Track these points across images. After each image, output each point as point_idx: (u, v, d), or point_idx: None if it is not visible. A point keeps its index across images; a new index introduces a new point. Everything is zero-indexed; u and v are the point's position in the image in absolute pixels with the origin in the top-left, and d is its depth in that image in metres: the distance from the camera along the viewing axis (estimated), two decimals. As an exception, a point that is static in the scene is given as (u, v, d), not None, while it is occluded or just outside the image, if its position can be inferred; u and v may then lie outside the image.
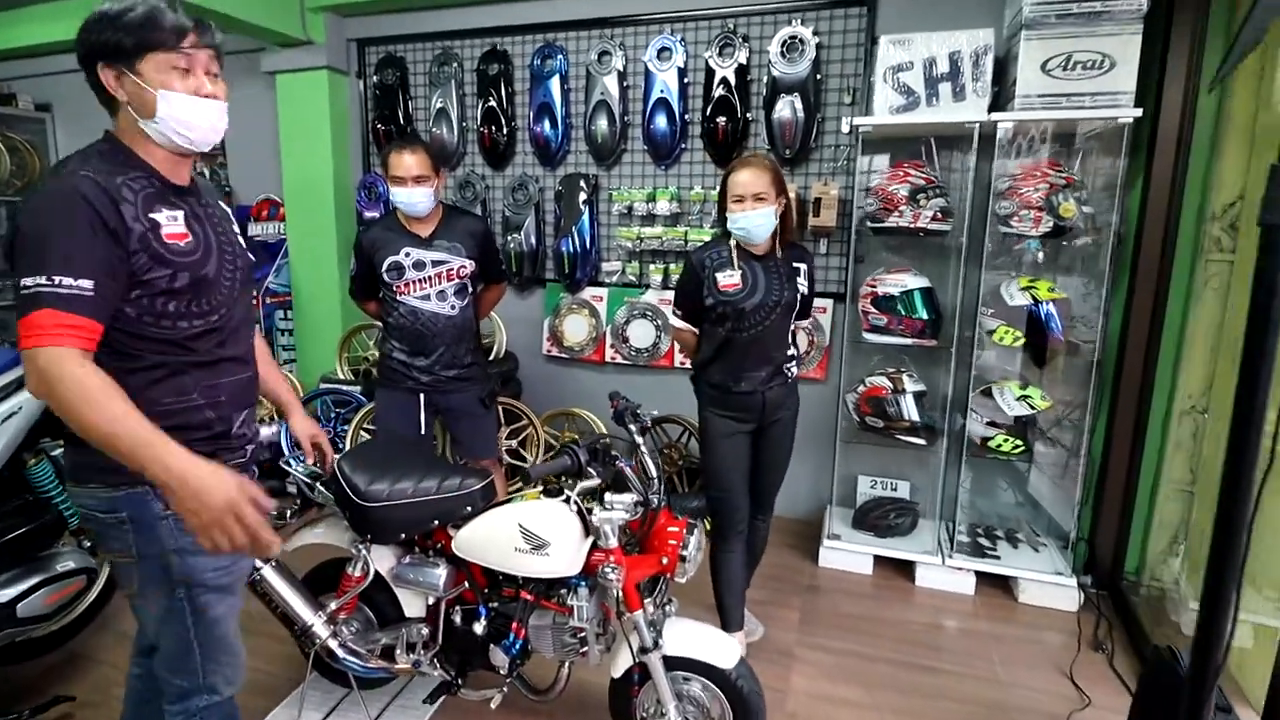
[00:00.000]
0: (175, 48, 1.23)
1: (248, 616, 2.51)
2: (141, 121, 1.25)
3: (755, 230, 2.06)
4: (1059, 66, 2.46)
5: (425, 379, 2.53)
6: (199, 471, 1.11)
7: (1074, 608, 2.71)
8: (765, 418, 2.22)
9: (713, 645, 1.72)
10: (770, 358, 2.16)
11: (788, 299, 2.13)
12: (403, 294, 2.48)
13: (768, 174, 2.05)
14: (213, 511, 1.10)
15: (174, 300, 1.27)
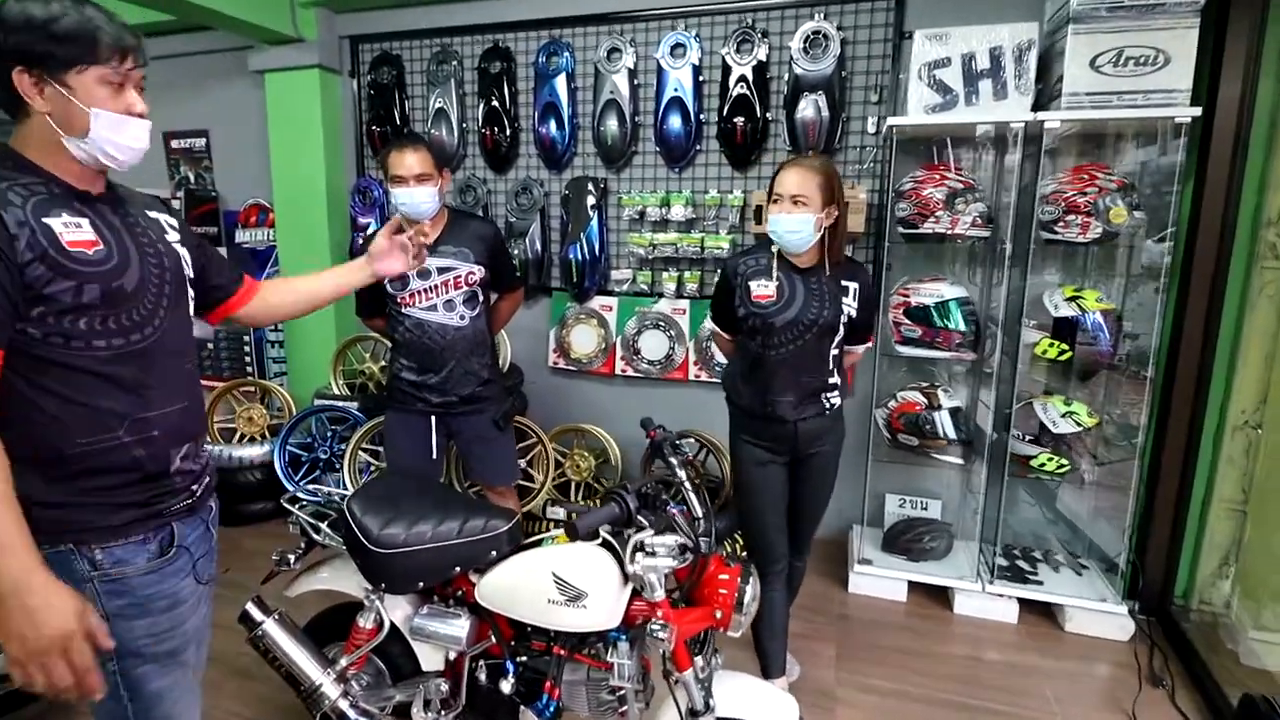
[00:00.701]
0: (113, 65, 1.10)
1: (251, 661, 2.35)
2: (65, 137, 1.11)
3: (787, 237, 1.88)
4: (1109, 63, 2.32)
5: (436, 400, 2.36)
6: (41, 592, 1.00)
7: (1126, 637, 2.57)
8: (800, 449, 2.02)
9: (769, 705, 1.55)
10: (800, 382, 1.96)
11: (827, 319, 1.92)
12: (408, 306, 2.31)
13: (816, 177, 1.85)
14: (41, 642, 0.99)
15: (84, 316, 1.11)
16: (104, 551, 1.14)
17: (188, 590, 1.27)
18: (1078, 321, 2.50)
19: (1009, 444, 2.66)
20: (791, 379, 1.95)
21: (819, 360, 1.96)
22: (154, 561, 1.21)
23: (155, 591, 1.20)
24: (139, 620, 1.19)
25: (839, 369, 2.04)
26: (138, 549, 1.19)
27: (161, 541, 1.23)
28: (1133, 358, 2.61)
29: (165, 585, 1.22)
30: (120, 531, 1.17)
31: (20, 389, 1.08)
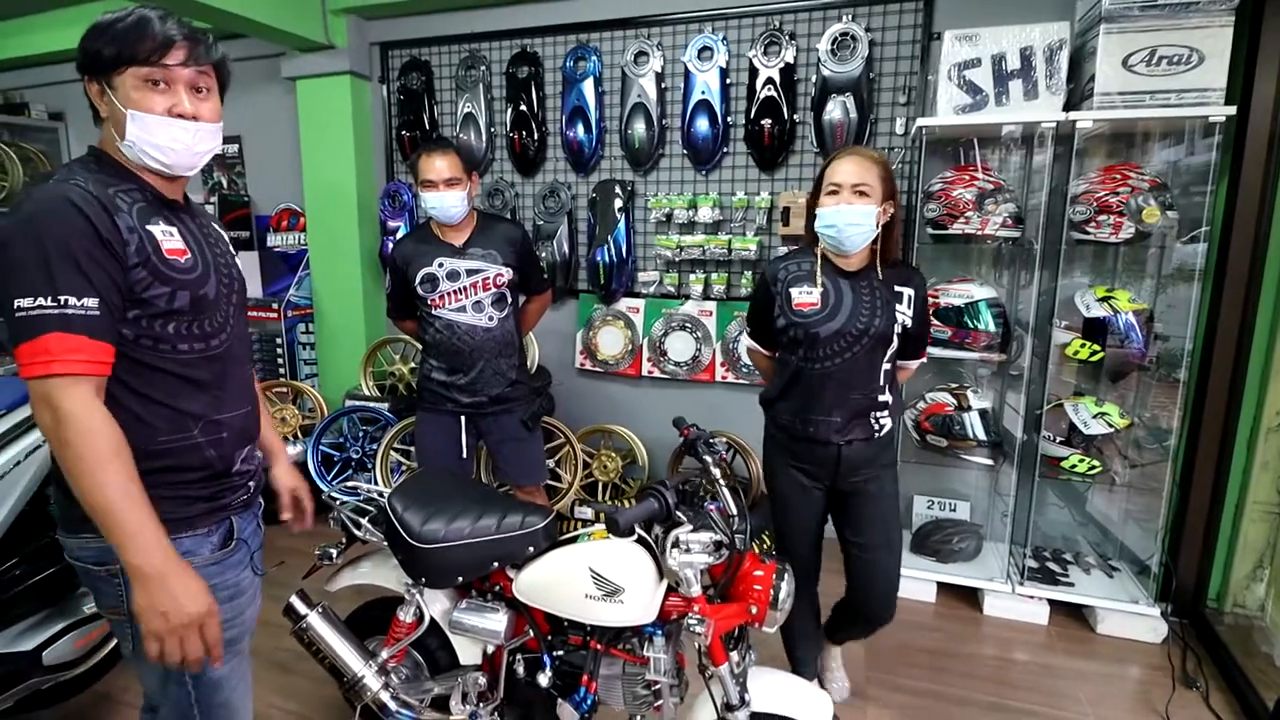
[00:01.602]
0: (154, 62, 1.11)
1: (290, 656, 2.41)
2: (116, 140, 1.14)
3: (847, 231, 1.69)
4: (1142, 62, 2.30)
5: (466, 400, 2.40)
6: (181, 575, 1.09)
7: (1158, 640, 2.55)
8: (842, 478, 1.83)
9: (804, 701, 1.56)
10: (847, 400, 1.76)
11: (879, 329, 1.73)
12: (438, 307, 2.35)
13: (876, 167, 1.71)
14: (182, 618, 1.08)
15: (174, 321, 1.17)
16: (174, 542, 1.19)
17: (247, 581, 1.32)
18: (1110, 322, 2.48)
19: (1039, 445, 2.64)
20: (838, 396, 1.77)
21: (869, 375, 1.77)
22: (216, 553, 1.26)
23: (218, 582, 1.25)
24: None
25: (892, 386, 1.84)
26: (202, 541, 1.25)
27: (222, 534, 1.29)
28: (1164, 359, 2.59)
29: (227, 576, 1.28)
30: (189, 523, 1.22)
31: (111, 388, 1.12)
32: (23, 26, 4.36)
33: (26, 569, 1.87)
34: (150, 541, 1.06)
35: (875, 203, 1.70)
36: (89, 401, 1.05)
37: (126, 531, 1.05)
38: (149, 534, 1.07)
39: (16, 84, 4.83)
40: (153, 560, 1.06)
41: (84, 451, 1.04)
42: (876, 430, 1.81)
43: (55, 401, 1.03)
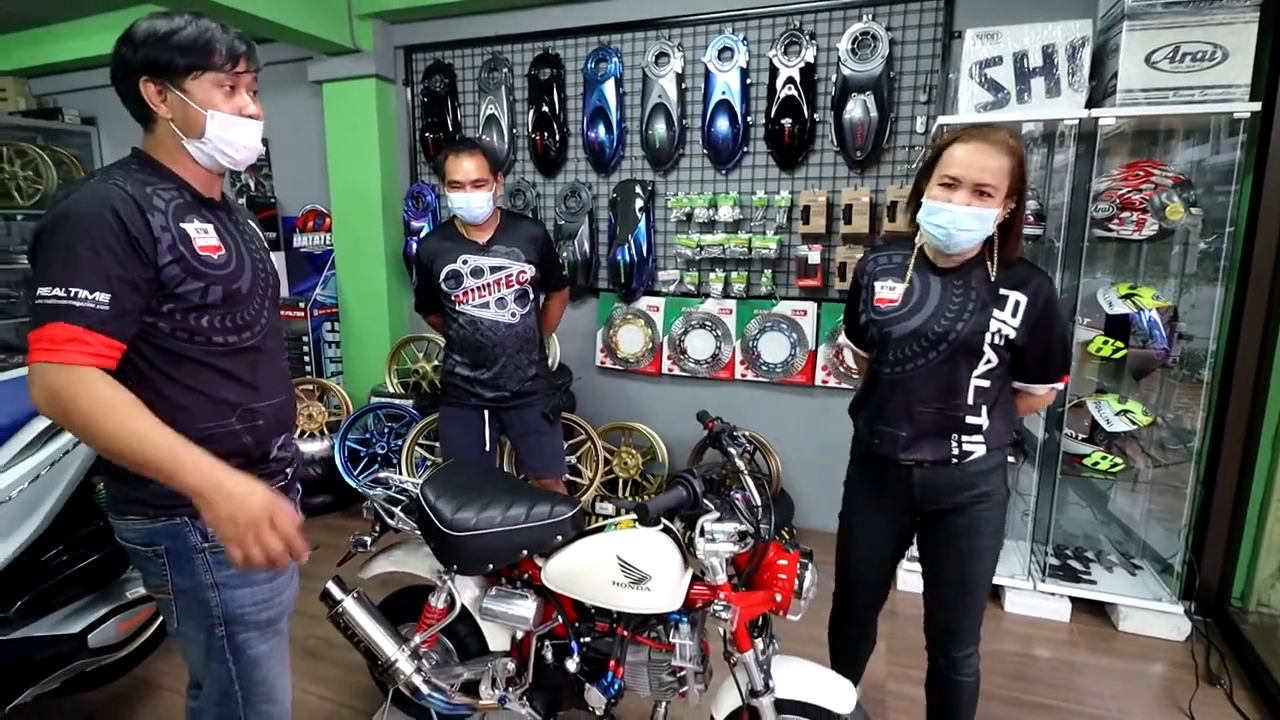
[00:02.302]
0: (228, 70, 1.20)
1: (321, 644, 2.47)
2: (186, 140, 1.21)
3: (956, 235, 1.44)
4: (1165, 59, 2.31)
5: (489, 395, 2.45)
6: (235, 477, 1.09)
7: (1181, 637, 2.54)
8: (919, 505, 1.62)
9: (827, 688, 1.59)
10: (915, 414, 1.55)
11: (964, 335, 1.48)
12: (462, 303, 2.40)
13: (1008, 160, 1.42)
14: (250, 514, 1.07)
15: (207, 315, 1.22)
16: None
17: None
18: (1133, 319, 2.48)
19: (1061, 443, 2.65)
20: (904, 407, 1.56)
21: (948, 389, 1.52)
22: None
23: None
24: (243, 589, 1.29)
25: (994, 408, 1.55)
26: None
27: None
28: (1188, 359, 2.58)
29: None
30: None
31: (151, 378, 1.18)
32: (55, 34, 4.49)
33: (73, 555, 1.94)
34: (193, 459, 1.08)
35: (998, 204, 1.43)
36: (98, 380, 1.07)
37: (167, 457, 1.06)
38: (188, 453, 1.08)
39: (50, 89, 4.96)
40: (202, 472, 1.07)
41: (91, 405, 1.05)
42: (956, 455, 1.54)
43: (44, 381, 1.05)
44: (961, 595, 1.65)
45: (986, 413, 1.54)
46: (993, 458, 1.58)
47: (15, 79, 4.80)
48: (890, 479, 1.64)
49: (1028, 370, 1.57)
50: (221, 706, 1.34)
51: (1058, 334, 1.53)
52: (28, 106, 4.83)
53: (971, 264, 1.53)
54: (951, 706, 1.74)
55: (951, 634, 1.68)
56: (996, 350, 1.50)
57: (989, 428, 1.55)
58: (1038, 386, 1.61)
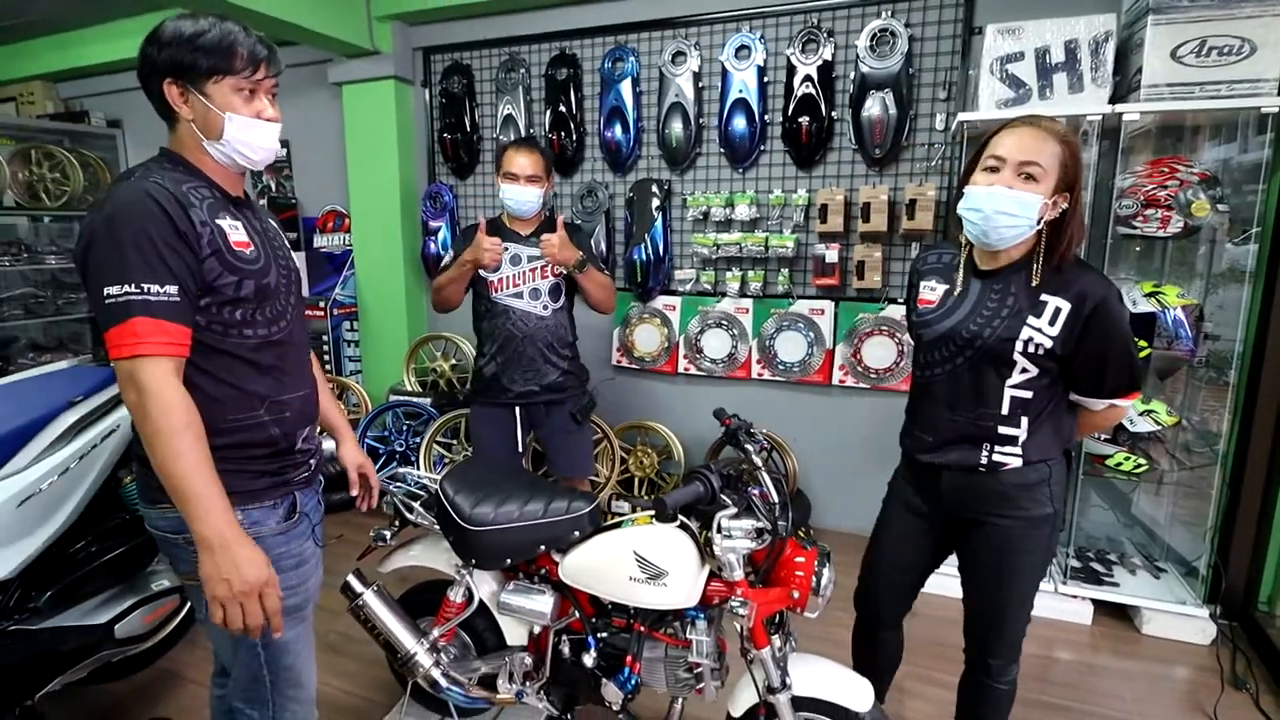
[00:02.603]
0: (248, 75, 1.22)
1: (341, 638, 2.50)
2: (205, 141, 1.24)
3: (995, 221, 1.35)
4: (1191, 53, 2.27)
5: (517, 390, 2.46)
6: (244, 545, 1.16)
7: (1206, 641, 2.50)
8: (949, 509, 1.58)
9: (845, 687, 1.58)
10: (942, 420, 1.50)
11: (990, 342, 1.41)
12: (496, 292, 2.42)
13: (1055, 144, 1.34)
14: (246, 584, 1.15)
15: (240, 309, 1.25)
16: (243, 513, 1.27)
17: (309, 551, 1.40)
18: (1158, 318, 2.45)
19: (1083, 442, 2.61)
20: (935, 413, 1.52)
21: (977, 396, 1.45)
22: (282, 524, 1.34)
23: (284, 551, 1.33)
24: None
25: (1040, 420, 1.44)
26: (269, 513, 1.33)
27: (287, 508, 1.37)
28: (1214, 359, 2.54)
29: (292, 546, 1.35)
30: (256, 496, 1.30)
31: (186, 372, 1.20)
32: (82, 37, 4.57)
33: (100, 547, 1.98)
34: (218, 513, 1.14)
35: (1044, 191, 1.34)
36: (169, 379, 1.14)
37: (197, 502, 1.13)
38: (217, 506, 1.14)
39: (77, 93, 5.06)
40: (219, 530, 1.14)
41: (163, 425, 1.12)
42: (985, 464, 1.46)
43: (140, 380, 1.12)
44: (995, 613, 1.59)
45: (1028, 425, 1.44)
46: (1034, 472, 1.46)
47: (43, 83, 4.90)
48: (921, 480, 1.62)
49: (1081, 383, 1.44)
50: (250, 691, 1.37)
51: (1117, 345, 1.37)
52: (55, 110, 4.93)
53: (1017, 266, 1.43)
54: (981, 710, 1.71)
55: (986, 649, 1.65)
56: (1034, 360, 1.40)
57: (1028, 440, 1.45)
58: (1094, 401, 1.47)
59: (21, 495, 1.71)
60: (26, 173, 4.49)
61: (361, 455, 1.69)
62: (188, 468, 1.13)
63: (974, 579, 1.61)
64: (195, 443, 1.14)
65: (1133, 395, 1.45)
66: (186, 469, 1.12)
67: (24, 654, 1.79)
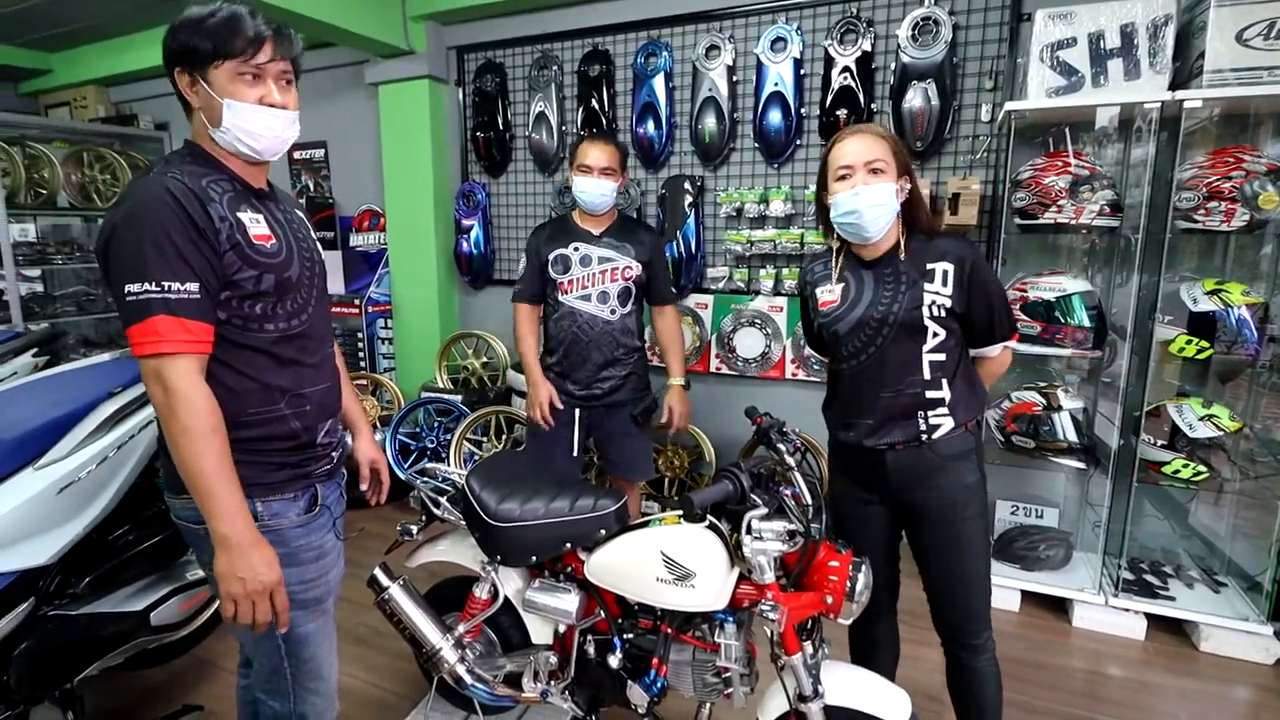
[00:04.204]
0: (248, 57, 1.18)
1: (369, 632, 2.51)
2: (210, 129, 1.22)
3: (870, 215, 1.50)
4: (1259, 35, 2.14)
5: (579, 392, 2.43)
6: (259, 547, 1.19)
7: (1270, 660, 2.35)
8: (898, 492, 1.63)
9: (881, 697, 1.51)
10: (879, 400, 1.58)
11: (901, 315, 1.53)
12: (565, 292, 2.40)
13: (886, 142, 1.53)
14: (259, 583, 1.18)
15: (260, 303, 1.24)
16: (264, 505, 1.26)
17: (330, 544, 1.39)
18: (1219, 317, 2.31)
19: (1138, 449, 2.48)
20: (869, 397, 1.60)
21: (905, 370, 1.56)
22: (302, 517, 1.33)
23: (305, 543, 1.32)
24: (291, 568, 1.30)
25: (955, 379, 1.57)
26: (290, 505, 1.32)
27: (308, 500, 1.35)
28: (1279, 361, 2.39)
29: (312, 538, 1.34)
30: (277, 488, 1.30)
31: (209, 366, 1.20)
32: (132, 43, 4.71)
33: (137, 535, 2.01)
34: (235, 513, 1.16)
35: (892, 179, 1.53)
36: (194, 378, 1.14)
37: (216, 500, 1.15)
38: (235, 506, 1.16)
39: (126, 97, 5.21)
40: (236, 530, 1.16)
41: (189, 424, 1.12)
42: (926, 432, 1.56)
43: (165, 378, 1.12)
44: (958, 584, 1.64)
45: (948, 385, 1.57)
46: (963, 441, 1.59)
47: (95, 88, 5.05)
48: (866, 467, 1.65)
49: (977, 334, 1.60)
50: (271, 683, 1.37)
51: (995, 294, 1.57)
52: (106, 113, 5.07)
53: (894, 250, 1.59)
54: (976, 695, 1.71)
55: (957, 625, 1.68)
56: (939, 322, 1.55)
57: (953, 399, 1.57)
58: (991, 349, 1.65)
59: (62, 482, 1.74)
60: (79, 174, 4.64)
61: (375, 450, 1.67)
62: (210, 469, 1.14)
63: (930, 557, 1.66)
64: (219, 445, 1.15)
65: (1014, 337, 1.65)
66: (209, 470, 1.14)
67: (64, 638, 1.82)
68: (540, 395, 2.43)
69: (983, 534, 1.64)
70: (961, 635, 1.67)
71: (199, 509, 1.19)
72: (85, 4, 4.03)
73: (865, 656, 1.84)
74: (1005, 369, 1.73)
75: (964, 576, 1.63)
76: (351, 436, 1.70)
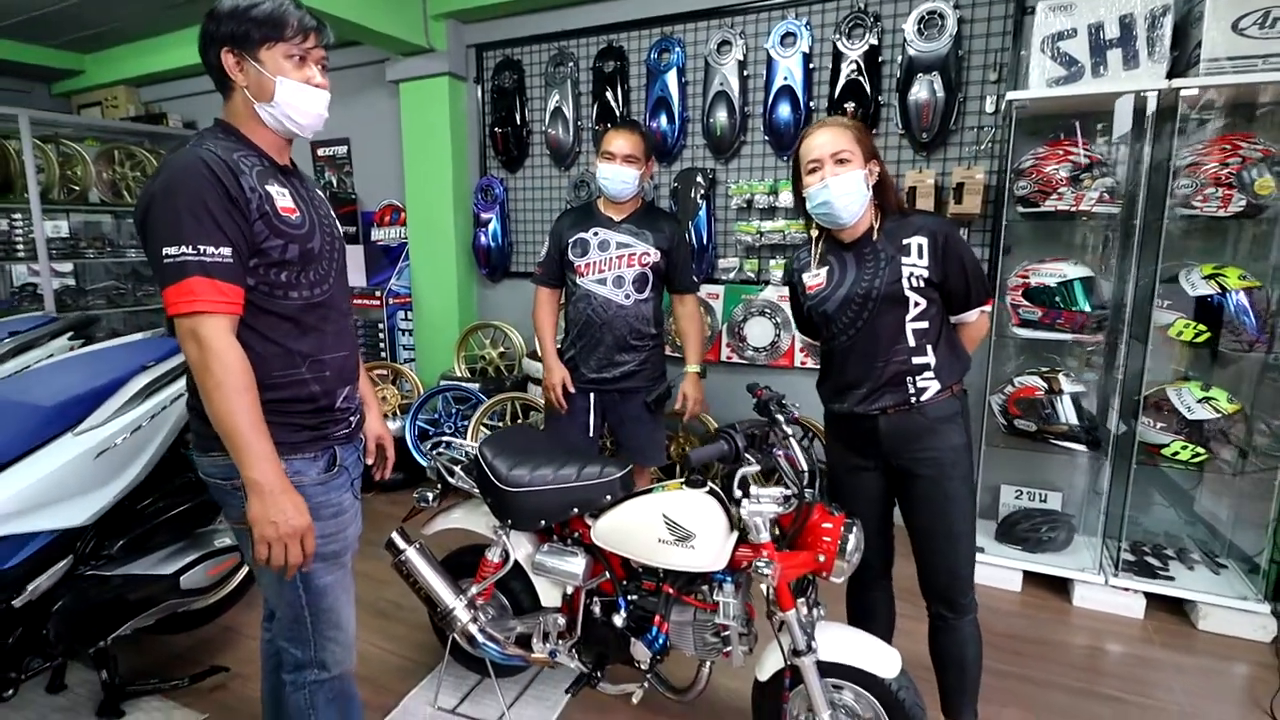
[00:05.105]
0: (298, 42, 1.30)
1: (390, 605, 2.61)
2: (257, 104, 1.32)
3: (841, 203, 1.62)
4: (1254, 24, 2.18)
5: (591, 375, 2.49)
6: (289, 493, 1.27)
7: (1268, 638, 2.38)
8: (890, 455, 1.71)
9: (872, 653, 1.58)
10: (872, 369, 1.67)
11: (884, 287, 1.64)
12: (582, 276, 2.46)
13: (850, 132, 1.64)
14: (291, 527, 1.26)
15: (285, 271, 1.32)
16: (286, 462, 1.34)
17: (348, 502, 1.48)
18: (1217, 301, 2.35)
19: (1137, 431, 2.52)
20: (863, 367, 1.70)
21: (892, 340, 1.66)
22: (322, 475, 1.42)
23: (324, 500, 1.41)
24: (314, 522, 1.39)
25: (938, 345, 1.68)
26: (310, 464, 1.40)
27: (327, 460, 1.44)
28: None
29: (331, 496, 1.43)
30: (298, 448, 1.38)
31: (238, 331, 1.29)
32: (162, 44, 4.87)
33: (167, 503, 2.12)
34: (267, 461, 1.24)
35: (860, 166, 1.63)
36: (228, 337, 1.23)
37: (249, 449, 1.22)
38: (267, 454, 1.24)
39: (156, 97, 5.38)
40: (269, 478, 1.23)
41: (222, 379, 1.21)
42: (914, 395, 1.66)
43: (202, 335, 1.20)
44: (945, 544, 1.72)
45: (932, 351, 1.68)
46: (949, 404, 1.69)
47: (126, 88, 5.23)
48: (861, 433, 1.74)
49: (955, 301, 1.70)
50: (292, 631, 1.46)
51: (969, 263, 1.67)
52: (137, 113, 5.24)
53: (870, 231, 1.70)
54: (958, 656, 1.77)
55: (944, 585, 1.75)
56: (919, 292, 1.65)
57: (938, 364, 1.67)
58: (968, 315, 1.74)
59: (99, 448, 1.85)
60: (110, 172, 4.80)
61: (382, 427, 1.73)
62: (243, 420, 1.22)
63: (919, 515, 1.74)
64: (251, 400, 1.23)
65: (989, 301, 1.74)
66: (242, 423, 1.22)
67: (99, 597, 1.94)
68: (554, 378, 2.52)
69: (969, 496, 1.73)
70: (948, 594, 1.74)
71: (228, 463, 1.28)
72: (115, 7, 4.19)
73: (861, 621, 1.90)
74: (984, 333, 1.83)
75: (950, 535, 1.71)
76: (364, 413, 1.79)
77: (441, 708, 2.06)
